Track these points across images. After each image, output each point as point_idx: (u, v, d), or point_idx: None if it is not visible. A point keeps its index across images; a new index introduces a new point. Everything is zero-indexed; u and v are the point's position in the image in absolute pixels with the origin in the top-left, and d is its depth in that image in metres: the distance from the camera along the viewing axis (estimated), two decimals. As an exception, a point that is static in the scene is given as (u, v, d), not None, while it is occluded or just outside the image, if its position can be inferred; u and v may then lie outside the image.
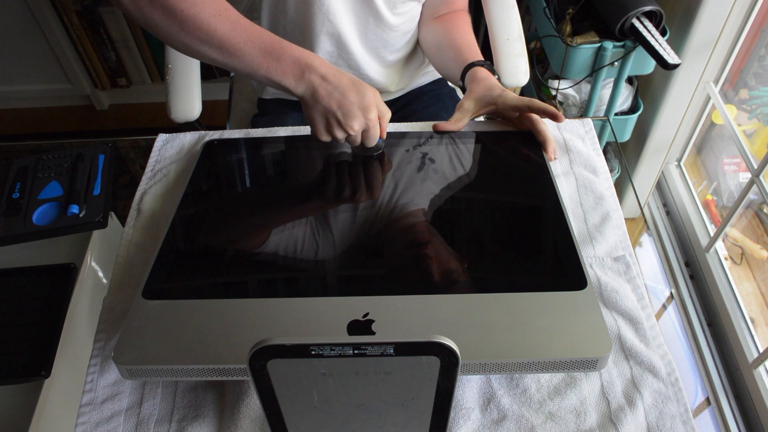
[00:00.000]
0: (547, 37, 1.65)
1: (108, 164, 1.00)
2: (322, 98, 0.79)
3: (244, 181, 0.90)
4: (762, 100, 1.78)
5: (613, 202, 0.86)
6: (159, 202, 0.90)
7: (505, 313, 0.65)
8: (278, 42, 0.80)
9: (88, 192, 0.96)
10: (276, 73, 0.79)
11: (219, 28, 0.77)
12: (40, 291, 0.90)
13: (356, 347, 0.45)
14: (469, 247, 0.78)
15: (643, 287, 0.76)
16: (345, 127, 0.81)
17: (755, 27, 1.64)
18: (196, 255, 0.78)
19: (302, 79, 0.80)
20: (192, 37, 0.77)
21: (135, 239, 0.85)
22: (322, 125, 0.82)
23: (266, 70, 0.79)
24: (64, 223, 0.92)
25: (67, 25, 2.24)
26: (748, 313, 1.63)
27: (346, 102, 0.79)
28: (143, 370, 0.63)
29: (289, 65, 0.79)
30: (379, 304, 0.66)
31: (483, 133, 0.93)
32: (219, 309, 0.67)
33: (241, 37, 0.78)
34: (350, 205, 0.83)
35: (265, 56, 0.79)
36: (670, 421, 0.64)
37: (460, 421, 0.65)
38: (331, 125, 0.81)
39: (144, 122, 2.50)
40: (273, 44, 0.79)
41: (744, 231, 1.82)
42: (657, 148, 1.82)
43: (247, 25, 0.79)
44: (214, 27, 0.77)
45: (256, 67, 0.79)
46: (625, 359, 0.69)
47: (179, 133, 1.00)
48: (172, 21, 0.76)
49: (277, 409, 0.52)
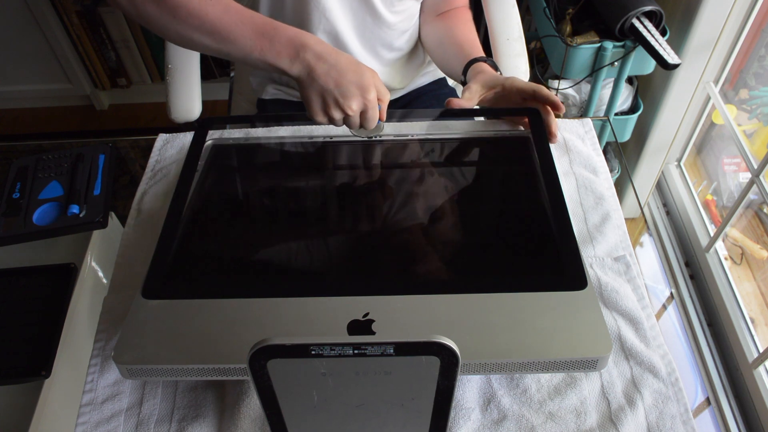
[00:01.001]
0: (547, 37, 1.65)
1: (108, 164, 1.00)
2: (318, 77, 0.77)
3: (245, 181, 0.90)
4: (762, 100, 1.78)
5: (613, 202, 0.86)
6: (159, 202, 0.90)
7: (505, 313, 0.65)
8: (271, 23, 0.78)
9: (88, 192, 0.95)
10: (270, 54, 0.78)
11: (210, 13, 0.76)
12: (41, 291, 0.90)
13: (356, 347, 0.45)
14: (469, 246, 0.78)
15: (643, 287, 0.76)
16: (343, 107, 0.78)
17: (755, 27, 1.63)
18: (197, 255, 0.78)
19: (297, 59, 0.78)
20: (184, 24, 0.76)
21: (135, 239, 0.85)
22: (319, 105, 0.80)
23: (260, 52, 0.78)
24: (64, 223, 0.92)
25: (67, 25, 2.24)
26: (748, 313, 1.63)
27: (343, 81, 0.77)
28: (143, 370, 0.63)
29: (284, 45, 0.78)
30: (379, 304, 0.66)
31: (484, 135, 0.93)
32: (219, 309, 0.67)
33: (232, 19, 0.77)
34: (351, 206, 0.83)
35: (258, 37, 0.77)
36: (670, 421, 0.64)
37: (460, 421, 0.65)
38: (328, 105, 0.79)
39: (144, 122, 2.50)
40: (266, 25, 0.78)
41: (744, 231, 1.82)
42: (657, 148, 1.82)
43: (239, 8, 0.78)
44: (205, 11, 0.76)
45: (250, 49, 0.78)
46: (626, 359, 0.69)
47: (179, 133, 1.00)
48: (164, 10, 0.76)
49: (277, 409, 0.52)
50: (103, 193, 0.95)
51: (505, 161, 0.90)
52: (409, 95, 1.27)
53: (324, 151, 0.92)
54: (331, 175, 0.88)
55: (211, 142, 0.93)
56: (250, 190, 0.88)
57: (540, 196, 0.80)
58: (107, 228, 0.95)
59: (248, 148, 0.94)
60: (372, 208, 0.82)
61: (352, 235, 0.78)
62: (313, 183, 0.88)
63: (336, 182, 0.86)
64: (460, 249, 0.76)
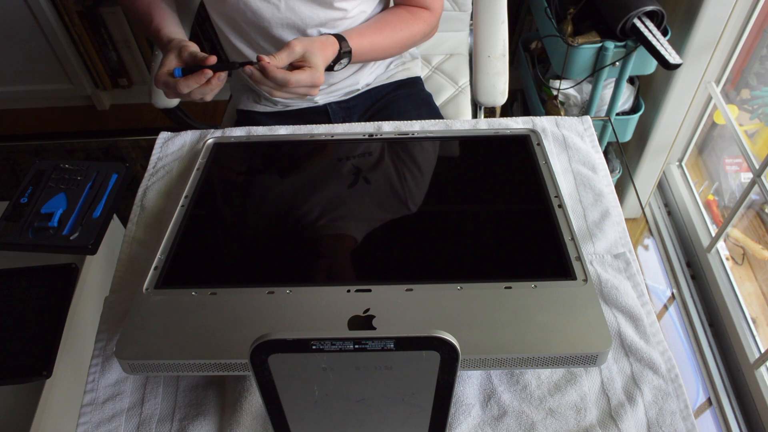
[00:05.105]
0: (549, 37, 1.65)
1: (118, 185, 1.00)
2: None
3: (246, 179, 0.90)
4: (764, 100, 1.78)
5: (612, 199, 0.86)
6: (161, 199, 0.90)
7: (505, 309, 0.65)
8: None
9: (88, 213, 0.95)
10: None
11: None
12: (42, 291, 0.90)
13: (357, 342, 0.45)
14: (470, 241, 0.78)
15: (643, 284, 0.76)
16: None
17: (757, 27, 1.64)
18: (199, 251, 0.78)
19: None
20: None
21: (138, 236, 0.86)
22: None
23: None
24: (55, 242, 0.92)
25: (68, 25, 2.24)
26: (749, 314, 1.63)
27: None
28: (145, 365, 0.64)
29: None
30: (379, 299, 0.66)
31: (485, 135, 0.93)
32: (220, 305, 0.68)
33: None
34: (352, 203, 0.83)
35: None
36: (670, 417, 0.64)
37: (460, 417, 0.65)
38: None
39: (145, 122, 2.49)
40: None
41: (745, 231, 1.82)
42: (658, 148, 1.82)
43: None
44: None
45: None
46: (625, 356, 0.69)
47: (181, 132, 1.00)
48: None
49: (279, 404, 0.52)
50: (102, 218, 0.95)
51: (504, 158, 0.91)
52: (379, 91, 1.24)
53: (325, 149, 0.93)
54: (333, 172, 0.88)
55: (213, 140, 0.94)
56: (251, 188, 0.89)
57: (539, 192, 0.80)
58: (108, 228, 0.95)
59: (248, 146, 0.94)
60: (372, 205, 0.82)
61: (352, 231, 0.78)
62: (315, 180, 0.88)
63: (337, 179, 0.86)
64: (462, 245, 0.76)
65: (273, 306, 0.67)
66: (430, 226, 0.80)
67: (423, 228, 0.79)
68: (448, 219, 0.82)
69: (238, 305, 0.68)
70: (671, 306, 1.74)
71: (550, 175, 0.83)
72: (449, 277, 0.70)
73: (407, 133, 0.93)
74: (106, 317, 0.77)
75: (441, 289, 0.68)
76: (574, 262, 0.70)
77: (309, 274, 0.73)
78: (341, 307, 0.66)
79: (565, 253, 0.72)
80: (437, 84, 1.39)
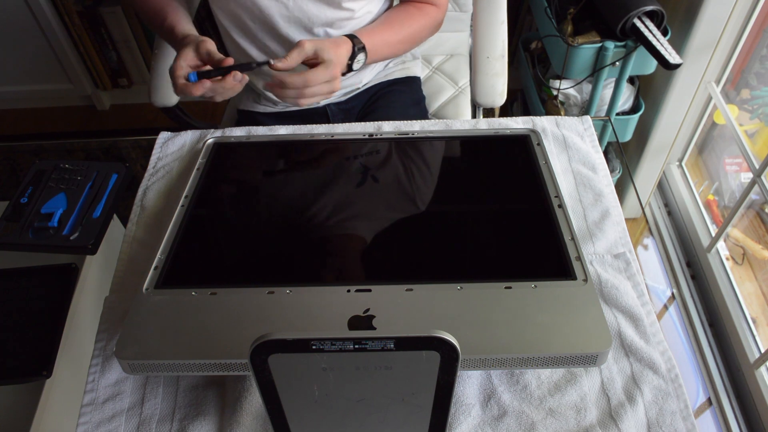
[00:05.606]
0: (549, 37, 1.65)
1: (118, 185, 1.00)
2: None
3: (246, 178, 0.90)
4: (764, 100, 1.78)
5: (612, 199, 0.86)
6: (161, 199, 0.90)
7: (505, 309, 0.65)
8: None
9: (88, 213, 0.95)
10: None
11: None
12: (42, 291, 0.90)
13: (357, 342, 0.45)
14: (470, 241, 0.78)
15: (643, 284, 0.76)
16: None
17: (757, 27, 1.64)
18: (199, 251, 0.78)
19: None
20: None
21: (138, 236, 0.86)
22: None
23: None
24: (55, 242, 0.92)
25: (69, 25, 2.24)
26: (749, 314, 1.63)
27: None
28: (145, 365, 0.64)
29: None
30: (379, 299, 0.66)
31: (485, 135, 0.93)
32: (221, 305, 0.68)
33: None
34: (352, 203, 0.83)
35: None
36: (670, 417, 0.64)
37: (460, 417, 0.65)
38: None
39: (145, 122, 2.49)
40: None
41: (745, 231, 1.82)
42: (658, 148, 1.82)
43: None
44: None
45: None
46: (625, 356, 0.69)
47: (181, 132, 1.00)
48: None
49: (279, 404, 0.52)
50: (102, 218, 0.95)
51: (504, 158, 0.91)
52: (374, 89, 1.24)
53: (325, 149, 0.93)
54: (333, 172, 0.88)
55: (213, 140, 0.94)
56: (251, 188, 0.89)
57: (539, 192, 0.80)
58: (108, 229, 0.95)
59: (248, 146, 0.94)
60: (373, 206, 0.82)
61: (352, 231, 0.78)
62: (315, 180, 0.88)
63: (338, 180, 0.86)
64: (462, 244, 0.76)
65: (273, 306, 0.67)
66: (429, 226, 0.80)
67: (423, 228, 0.79)
68: (448, 219, 0.82)
69: (238, 305, 0.68)
70: (671, 306, 1.74)
71: (550, 175, 0.83)
72: (449, 277, 0.70)
73: (407, 133, 0.93)
74: (106, 317, 0.77)
75: (441, 289, 0.68)
76: (574, 262, 0.70)
77: (309, 274, 0.73)
78: (341, 307, 0.66)
79: (565, 253, 0.72)
80: (437, 84, 1.39)
